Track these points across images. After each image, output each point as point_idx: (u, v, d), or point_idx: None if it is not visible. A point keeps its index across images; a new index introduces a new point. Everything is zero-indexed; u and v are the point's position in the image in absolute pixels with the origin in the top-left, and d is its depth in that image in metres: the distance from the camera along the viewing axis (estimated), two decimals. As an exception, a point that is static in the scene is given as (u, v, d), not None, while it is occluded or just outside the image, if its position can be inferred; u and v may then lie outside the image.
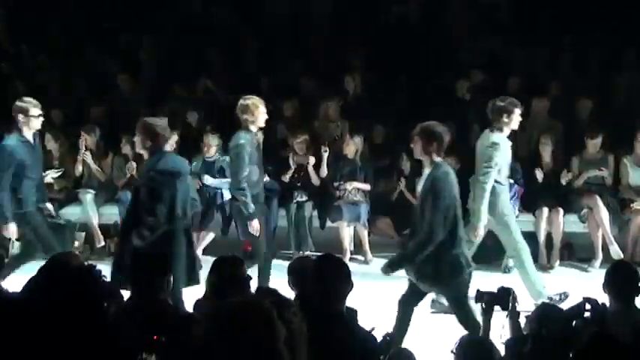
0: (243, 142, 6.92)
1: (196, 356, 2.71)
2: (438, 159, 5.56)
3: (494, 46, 11.21)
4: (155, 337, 3.86)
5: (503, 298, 4.55)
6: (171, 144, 8.66)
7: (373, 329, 4.09)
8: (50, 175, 9.14)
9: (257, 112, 7.01)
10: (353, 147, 9.01)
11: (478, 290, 4.69)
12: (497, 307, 4.58)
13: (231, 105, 10.44)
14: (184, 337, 3.81)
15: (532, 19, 11.26)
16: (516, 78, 10.06)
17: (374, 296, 7.22)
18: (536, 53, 10.82)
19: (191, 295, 4.54)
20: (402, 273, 5.81)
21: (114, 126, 9.92)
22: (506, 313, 4.54)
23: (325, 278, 3.97)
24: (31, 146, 7.02)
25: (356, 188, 8.89)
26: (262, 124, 7.19)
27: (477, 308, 4.65)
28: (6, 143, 6.88)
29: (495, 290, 4.61)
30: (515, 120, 6.92)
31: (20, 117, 6.92)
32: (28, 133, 7.01)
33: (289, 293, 4.17)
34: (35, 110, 7.02)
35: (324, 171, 9.10)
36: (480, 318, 4.76)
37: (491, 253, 7.99)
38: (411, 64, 10.89)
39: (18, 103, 7.04)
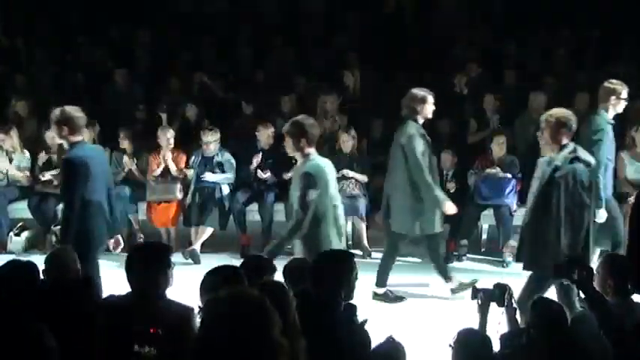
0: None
1: (195, 348, 2.71)
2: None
3: (489, 39, 11.23)
4: (152, 330, 3.87)
5: (499, 294, 4.55)
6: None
7: (365, 321, 4.10)
8: (50, 173, 9.16)
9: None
10: (349, 142, 9.00)
11: (474, 287, 4.69)
12: (493, 304, 4.58)
13: (227, 99, 10.59)
14: (183, 330, 3.83)
15: (527, 11, 11.26)
16: (514, 72, 10.07)
17: (372, 291, 7.25)
18: (532, 46, 10.83)
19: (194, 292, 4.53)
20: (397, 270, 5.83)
21: (110, 121, 9.90)
22: (502, 309, 4.55)
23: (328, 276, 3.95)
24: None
25: (354, 182, 8.89)
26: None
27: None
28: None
29: (491, 287, 4.61)
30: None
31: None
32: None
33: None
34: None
35: None
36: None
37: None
38: (407, 59, 10.89)
39: None
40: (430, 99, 7.06)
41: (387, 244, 7.40)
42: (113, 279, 4.71)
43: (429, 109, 7.07)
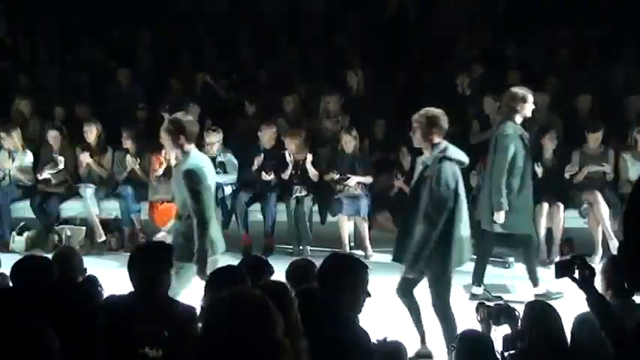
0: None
1: (196, 349, 2.71)
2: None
3: (490, 39, 11.22)
4: (159, 332, 3.87)
5: (499, 317, 4.49)
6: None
7: (385, 339, 4.04)
8: (47, 172, 9.18)
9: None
10: (351, 142, 9.00)
11: (480, 302, 4.63)
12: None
13: (229, 99, 10.59)
14: (186, 330, 3.83)
15: (528, 11, 11.25)
16: (516, 72, 10.07)
17: (373, 291, 7.24)
18: (534, 46, 10.82)
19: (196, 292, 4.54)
20: (399, 270, 5.82)
21: (113, 121, 9.92)
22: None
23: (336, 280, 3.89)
24: None
25: (356, 182, 8.89)
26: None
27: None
28: None
29: (496, 307, 4.55)
30: None
31: None
32: None
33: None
34: None
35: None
36: None
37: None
38: (409, 59, 10.89)
39: None
40: (530, 98, 7.02)
41: (481, 243, 7.36)
42: (115, 278, 4.72)
43: (528, 108, 7.04)
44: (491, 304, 4.59)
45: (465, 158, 5.95)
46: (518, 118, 7.03)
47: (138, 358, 3.85)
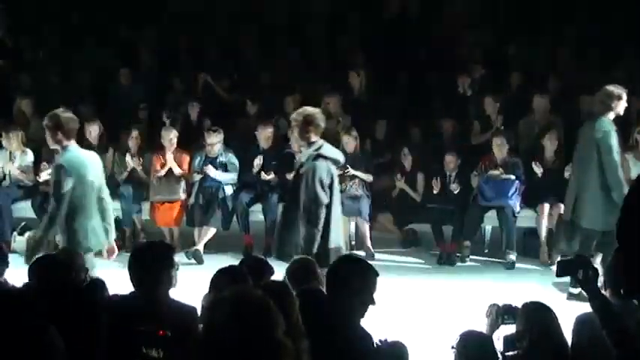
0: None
1: (198, 348, 2.71)
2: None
3: (492, 40, 11.22)
4: (161, 333, 3.86)
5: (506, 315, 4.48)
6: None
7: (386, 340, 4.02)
8: (47, 173, 9.18)
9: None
10: (351, 143, 8.99)
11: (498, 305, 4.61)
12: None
13: (230, 99, 10.59)
14: (187, 330, 3.82)
15: (531, 12, 11.25)
16: (517, 73, 10.07)
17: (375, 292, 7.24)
18: (535, 47, 10.81)
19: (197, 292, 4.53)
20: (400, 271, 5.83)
21: (113, 121, 9.92)
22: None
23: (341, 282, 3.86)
24: None
25: (357, 183, 8.88)
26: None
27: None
28: None
29: (508, 305, 4.54)
30: None
31: None
32: None
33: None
34: None
35: None
36: None
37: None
38: (411, 60, 10.89)
39: None
40: (625, 96, 7.06)
41: (580, 241, 7.30)
42: (116, 279, 4.71)
43: (622, 105, 7.07)
44: (501, 304, 4.58)
45: (340, 157, 6.17)
46: (612, 115, 7.06)
47: (140, 359, 3.84)
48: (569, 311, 4.49)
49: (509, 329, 4.37)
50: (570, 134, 9.11)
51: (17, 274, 4.78)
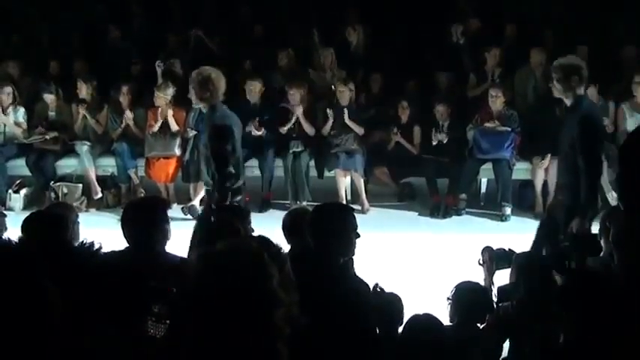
0: None
1: (189, 299, 2.69)
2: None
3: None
4: (167, 289, 3.84)
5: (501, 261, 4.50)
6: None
7: (377, 286, 4.05)
8: (33, 138, 9.17)
9: None
10: (346, 92, 8.93)
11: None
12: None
13: (223, 55, 10.45)
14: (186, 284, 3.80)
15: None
16: (513, 25, 9.96)
17: (370, 246, 7.26)
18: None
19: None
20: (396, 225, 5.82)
21: (106, 77, 9.82)
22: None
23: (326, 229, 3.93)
24: None
25: (352, 137, 8.83)
26: None
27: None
28: None
29: (503, 250, 4.56)
30: None
31: None
32: None
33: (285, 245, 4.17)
34: None
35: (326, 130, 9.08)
36: None
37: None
38: (407, 13, 10.75)
39: None
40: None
41: None
42: (112, 235, 4.70)
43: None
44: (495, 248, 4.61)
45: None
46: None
47: (144, 316, 3.81)
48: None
49: (504, 276, 4.41)
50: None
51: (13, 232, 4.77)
